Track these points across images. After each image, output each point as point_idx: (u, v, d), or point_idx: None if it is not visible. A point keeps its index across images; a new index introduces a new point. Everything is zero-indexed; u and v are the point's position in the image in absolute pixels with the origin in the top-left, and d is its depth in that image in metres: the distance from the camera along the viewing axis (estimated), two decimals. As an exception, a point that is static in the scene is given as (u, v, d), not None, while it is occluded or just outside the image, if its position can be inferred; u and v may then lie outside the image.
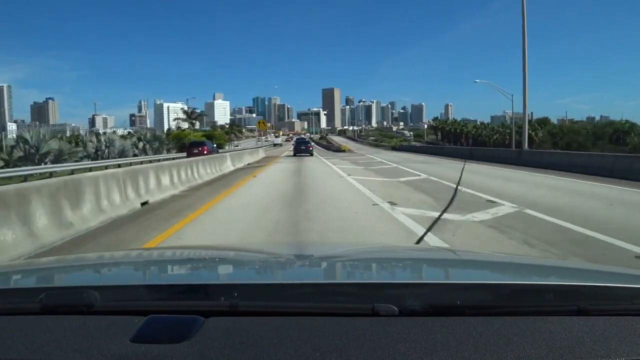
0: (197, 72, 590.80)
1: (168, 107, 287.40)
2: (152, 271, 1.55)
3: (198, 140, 41.83)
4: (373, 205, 8.09)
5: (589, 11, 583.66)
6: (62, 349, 0.80)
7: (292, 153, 35.66)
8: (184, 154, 30.41)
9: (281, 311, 0.92)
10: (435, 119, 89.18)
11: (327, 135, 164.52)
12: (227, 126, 79.20)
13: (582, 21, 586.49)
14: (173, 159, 22.91)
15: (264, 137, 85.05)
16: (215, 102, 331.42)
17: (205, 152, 32.10)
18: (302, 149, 33.98)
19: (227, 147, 59.33)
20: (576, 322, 0.86)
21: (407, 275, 1.42)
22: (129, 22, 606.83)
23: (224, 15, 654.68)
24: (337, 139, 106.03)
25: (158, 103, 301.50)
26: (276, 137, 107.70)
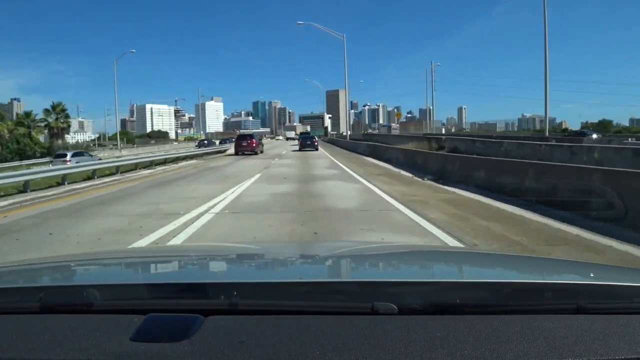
0: (198, 77, 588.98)
1: (151, 108, 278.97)
2: (151, 270, 1.59)
3: (246, 133, 39.93)
4: None
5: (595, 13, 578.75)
6: (62, 348, 0.83)
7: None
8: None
9: (281, 310, 0.95)
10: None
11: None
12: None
13: (588, 24, 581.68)
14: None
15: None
16: (207, 103, 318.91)
17: (253, 144, 31.31)
18: (307, 144, 37.53)
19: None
20: (575, 320, 0.89)
21: (407, 274, 1.46)
22: (131, 27, 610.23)
23: (226, 19, 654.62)
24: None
25: (141, 105, 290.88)
26: (289, 132, 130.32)
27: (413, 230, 6.45)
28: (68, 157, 26.63)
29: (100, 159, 27.46)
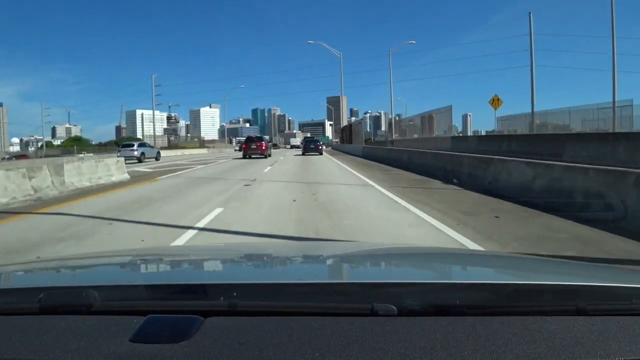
0: (198, 85, 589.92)
1: (142, 114, 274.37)
2: (151, 271, 1.61)
3: (255, 135, 37.68)
4: None
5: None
6: (61, 349, 0.84)
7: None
8: None
9: (280, 311, 0.96)
10: None
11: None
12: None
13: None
14: None
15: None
16: (202, 109, 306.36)
17: (263, 147, 30.23)
18: (311, 147, 36.02)
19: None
20: (575, 321, 0.90)
21: (406, 275, 1.47)
22: (132, 35, 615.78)
23: (226, 28, 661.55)
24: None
25: (131, 110, 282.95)
26: (294, 139, 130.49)
27: None
28: (135, 147, 32.24)
29: (159, 152, 34.76)
